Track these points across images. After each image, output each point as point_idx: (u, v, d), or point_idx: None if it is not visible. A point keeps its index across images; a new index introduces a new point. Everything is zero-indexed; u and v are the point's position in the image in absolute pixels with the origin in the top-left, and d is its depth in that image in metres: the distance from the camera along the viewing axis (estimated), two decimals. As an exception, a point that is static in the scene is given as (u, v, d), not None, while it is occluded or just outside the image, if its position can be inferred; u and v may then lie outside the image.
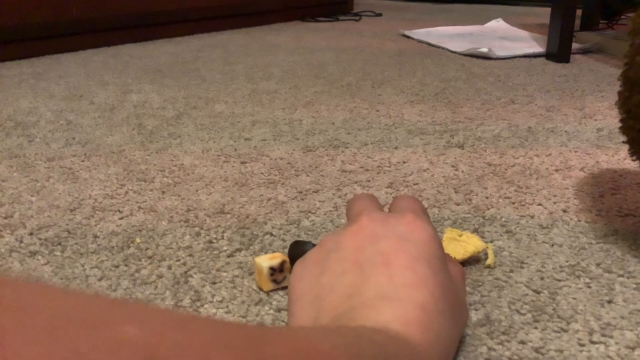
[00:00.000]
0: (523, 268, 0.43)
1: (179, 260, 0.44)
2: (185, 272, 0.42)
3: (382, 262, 0.27)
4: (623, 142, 0.46)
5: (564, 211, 0.52)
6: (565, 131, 0.76)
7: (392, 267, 0.26)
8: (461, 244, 0.43)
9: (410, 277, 0.26)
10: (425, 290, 0.26)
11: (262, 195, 0.56)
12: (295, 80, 1.06)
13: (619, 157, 0.66)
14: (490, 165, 0.64)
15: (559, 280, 0.41)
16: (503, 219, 0.51)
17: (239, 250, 0.45)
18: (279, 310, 0.38)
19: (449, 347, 0.26)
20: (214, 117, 0.81)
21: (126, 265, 0.43)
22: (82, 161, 0.64)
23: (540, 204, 0.54)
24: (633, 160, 0.46)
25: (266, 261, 0.39)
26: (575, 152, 0.68)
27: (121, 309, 0.14)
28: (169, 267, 0.43)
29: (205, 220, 0.50)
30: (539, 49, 1.34)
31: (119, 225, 0.49)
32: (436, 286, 0.26)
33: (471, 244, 0.43)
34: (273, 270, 0.39)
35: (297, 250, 0.40)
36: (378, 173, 0.61)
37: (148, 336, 0.13)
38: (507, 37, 1.59)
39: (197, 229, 0.49)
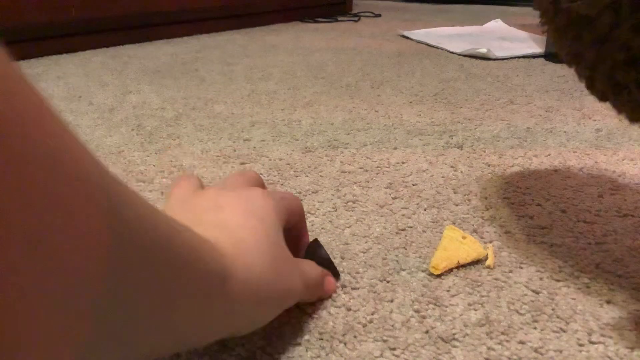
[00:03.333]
0: (522, 268, 0.43)
1: (178, 261, 0.44)
2: (185, 273, 0.42)
3: (217, 208, 0.31)
4: (534, 8, 0.42)
5: (563, 212, 0.52)
6: (564, 131, 0.76)
7: (225, 211, 0.30)
8: (464, 247, 0.43)
9: (238, 220, 0.30)
10: (249, 233, 0.29)
11: (261, 195, 0.56)
12: (295, 80, 1.06)
13: (617, 158, 0.66)
14: (489, 165, 0.64)
15: (558, 281, 0.41)
16: (502, 219, 0.51)
17: (238, 250, 0.45)
18: (278, 310, 0.38)
19: (264, 282, 0.29)
20: (213, 118, 0.81)
21: (125, 266, 0.43)
22: (81, 162, 0.64)
23: (539, 204, 0.54)
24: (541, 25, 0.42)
25: None
26: (574, 152, 0.68)
27: None
28: (168, 268, 0.43)
29: (205, 221, 0.50)
30: (537, 49, 1.34)
31: (118, 226, 0.49)
32: (262, 237, 0.30)
33: (474, 249, 0.43)
34: None
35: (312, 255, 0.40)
36: (377, 174, 0.61)
37: None
38: (506, 37, 1.59)
39: (196, 229, 0.48)
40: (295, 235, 0.40)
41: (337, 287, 0.40)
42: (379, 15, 2.17)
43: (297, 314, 0.37)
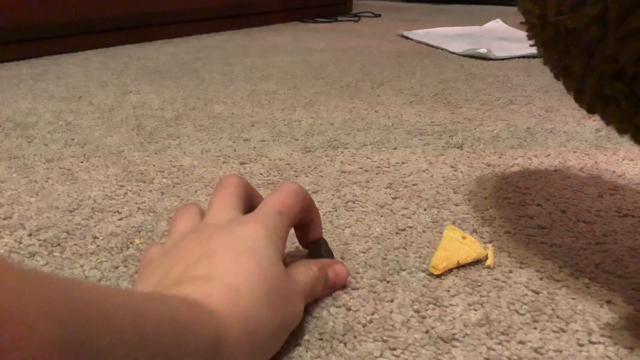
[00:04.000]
0: (522, 268, 0.43)
1: (178, 261, 0.44)
2: (185, 273, 0.42)
3: (208, 255, 0.31)
4: (521, 22, 0.43)
5: (563, 212, 0.52)
6: (564, 132, 0.76)
7: (215, 258, 0.31)
8: (464, 248, 0.43)
9: (229, 265, 0.30)
10: (241, 276, 0.30)
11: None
12: (295, 81, 1.06)
13: (617, 158, 0.66)
14: (489, 165, 0.64)
15: (558, 281, 0.41)
16: (502, 220, 0.51)
17: (238, 251, 0.45)
18: (278, 310, 0.38)
19: (261, 325, 0.29)
20: (213, 118, 0.81)
21: (125, 267, 0.43)
22: (81, 162, 0.64)
23: (539, 205, 0.54)
24: (530, 42, 0.43)
25: None
26: (574, 152, 0.68)
27: None
28: (168, 268, 0.43)
29: (205, 221, 0.50)
30: (537, 49, 1.34)
31: (118, 226, 0.49)
32: (255, 275, 0.30)
33: (474, 249, 0.43)
34: None
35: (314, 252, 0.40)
36: (377, 174, 0.61)
37: None
38: (506, 37, 1.59)
39: (196, 229, 0.48)
40: (306, 228, 0.41)
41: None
42: (379, 15, 2.17)
43: (297, 314, 0.37)
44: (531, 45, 0.43)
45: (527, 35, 0.42)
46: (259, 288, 0.30)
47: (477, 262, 0.43)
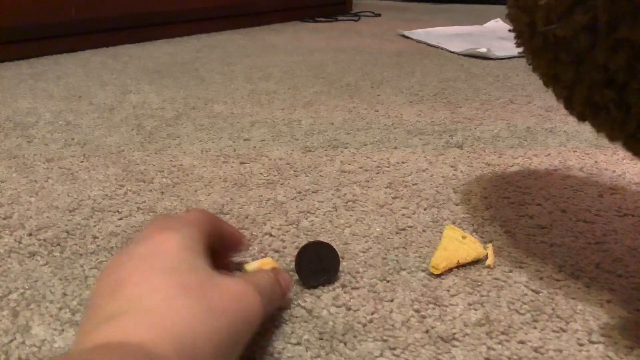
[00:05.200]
0: (522, 268, 0.43)
1: (178, 260, 0.44)
2: (185, 273, 0.42)
3: (120, 286, 0.29)
4: (509, 30, 0.42)
5: (563, 211, 0.52)
6: (564, 131, 0.76)
7: (128, 288, 0.29)
8: (464, 247, 0.43)
9: (143, 290, 0.29)
10: (158, 296, 0.28)
11: (261, 195, 0.56)
12: (295, 80, 1.06)
13: (617, 157, 0.66)
14: (489, 165, 0.64)
15: (558, 280, 0.41)
16: (502, 219, 0.51)
17: (238, 250, 0.45)
18: (278, 310, 0.38)
19: (198, 330, 0.27)
20: (213, 118, 0.81)
21: (125, 266, 0.43)
22: (81, 162, 0.64)
23: (539, 204, 0.54)
24: (517, 47, 0.42)
25: (256, 268, 0.38)
26: (574, 152, 0.68)
27: None
28: (168, 268, 0.43)
29: (205, 220, 0.50)
30: (537, 49, 1.34)
31: (118, 225, 0.49)
32: (172, 288, 0.29)
33: (474, 249, 0.43)
34: None
35: (303, 257, 0.40)
36: (377, 173, 0.61)
37: None
38: (506, 37, 1.59)
39: (196, 229, 0.48)
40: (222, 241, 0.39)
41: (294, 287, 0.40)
42: (379, 15, 2.17)
43: (298, 314, 0.37)
44: (520, 53, 0.42)
45: (515, 43, 0.42)
46: (180, 299, 0.28)
47: (477, 261, 0.43)
